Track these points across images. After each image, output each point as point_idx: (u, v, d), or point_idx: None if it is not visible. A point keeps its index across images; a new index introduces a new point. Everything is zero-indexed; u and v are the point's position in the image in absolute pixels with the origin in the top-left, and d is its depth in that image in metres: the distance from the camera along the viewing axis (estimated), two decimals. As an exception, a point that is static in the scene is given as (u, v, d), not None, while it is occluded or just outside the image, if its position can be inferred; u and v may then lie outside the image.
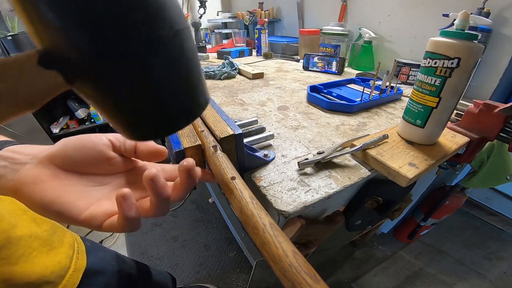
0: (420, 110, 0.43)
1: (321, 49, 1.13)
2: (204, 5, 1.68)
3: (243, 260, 1.13)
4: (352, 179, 0.39)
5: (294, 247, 0.21)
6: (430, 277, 1.04)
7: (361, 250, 1.16)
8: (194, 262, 1.14)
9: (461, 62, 0.37)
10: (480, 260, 1.09)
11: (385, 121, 0.58)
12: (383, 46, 1.01)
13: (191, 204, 1.47)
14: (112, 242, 1.26)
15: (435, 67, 0.39)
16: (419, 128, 0.44)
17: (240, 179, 0.28)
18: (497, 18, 0.67)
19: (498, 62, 0.70)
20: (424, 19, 0.85)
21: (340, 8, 1.11)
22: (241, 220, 0.26)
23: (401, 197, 0.65)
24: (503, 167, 0.63)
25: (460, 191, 0.94)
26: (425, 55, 0.41)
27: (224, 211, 1.06)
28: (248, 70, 0.94)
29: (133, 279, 0.57)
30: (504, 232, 1.21)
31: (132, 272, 0.57)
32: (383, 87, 0.68)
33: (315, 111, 0.64)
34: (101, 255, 0.49)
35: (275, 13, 1.57)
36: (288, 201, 0.34)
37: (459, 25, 0.38)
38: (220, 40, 1.63)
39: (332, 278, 1.05)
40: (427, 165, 0.40)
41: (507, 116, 0.44)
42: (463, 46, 0.36)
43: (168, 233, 1.30)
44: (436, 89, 0.40)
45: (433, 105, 0.42)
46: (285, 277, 0.19)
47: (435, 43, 0.39)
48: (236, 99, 0.72)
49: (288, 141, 0.49)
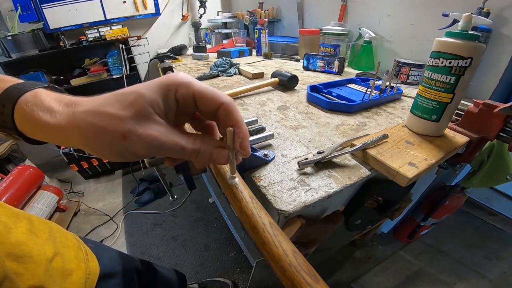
0: (435, 106, 0.46)
1: (321, 49, 1.13)
2: (204, 5, 1.69)
3: (243, 260, 1.13)
4: (352, 179, 0.39)
5: (294, 247, 0.21)
6: (430, 277, 1.04)
7: (361, 250, 1.16)
8: (194, 262, 1.14)
9: (473, 61, 0.40)
10: (480, 260, 1.09)
11: (385, 121, 0.58)
12: (383, 46, 1.01)
13: (191, 204, 1.48)
14: (113, 242, 1.26)
15: (449, 66, 0.42)
16: (433, 122, 0.47)
17: (240, 178, 0.28)
18: (497, 18, 0.67)
19: (498, 62, 0.70)
20: (424, 19, 0.85)
21: (340, 8, 1.11)
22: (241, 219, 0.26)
23: (401, 197, 0.65)
24: (503, 167, 0.63)
25: (460, 191, 0.94)
26: (434, 54, 0.43)
27: (224, 211, 1.06)
28: (248, 70, 0.94)
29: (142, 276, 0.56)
30: (504, 232, 1.21)
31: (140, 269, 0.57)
32: (383, 87, 0.68)
33: (315, 111, 0.64)
34: (108, 256, 0.48)
35: (275, 13, 1.57)
36: (288, 201, 0.34)
37: (464, 26, 0.41)
38: (220, 40, 1.63)
39: (332, 277, 1.05)
40: (427, 164, 0.40)
41: (507, 116, 0.44)
42: (474, 47, 0.40)
43: (168, 233, 1.30)
44: (451, 87, 0.43)
45: (448, 101, 0.44)
46: (285, 277, 0.19)
47: (445, 43, 0.42)
48: (236, 98, 0.72)
49: (288, 141, 0.49)
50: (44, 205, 1.25)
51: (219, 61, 1.03)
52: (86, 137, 0.18)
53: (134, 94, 0.19)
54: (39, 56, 1.39)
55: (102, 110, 0.18)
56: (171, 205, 1.46)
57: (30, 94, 0.20)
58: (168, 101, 0.20)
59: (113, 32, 1.51)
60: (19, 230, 0.32)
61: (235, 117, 0.21)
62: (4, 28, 1.34)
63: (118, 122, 0.18)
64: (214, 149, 0.22)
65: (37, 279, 0.30)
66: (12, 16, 1.31)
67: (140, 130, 0.18)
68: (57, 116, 0.19)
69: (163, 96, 0.20)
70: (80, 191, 1.59)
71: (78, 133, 0.18)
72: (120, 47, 1.56)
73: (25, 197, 1.22)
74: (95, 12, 1.50)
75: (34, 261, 0.31)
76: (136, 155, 0.20)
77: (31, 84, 0.21)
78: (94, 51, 1.65)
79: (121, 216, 1.41)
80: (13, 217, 0.33)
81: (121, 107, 0.18)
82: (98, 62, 1.64)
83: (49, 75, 1.50)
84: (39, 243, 0.34)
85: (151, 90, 0.19)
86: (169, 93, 0.20)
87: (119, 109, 0.18)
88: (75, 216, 1.43)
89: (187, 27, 1.86)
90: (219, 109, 0.21)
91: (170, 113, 0.21)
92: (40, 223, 0.37)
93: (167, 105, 0.20)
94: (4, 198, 1.10)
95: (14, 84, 0.21)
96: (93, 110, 0.18)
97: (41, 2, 1.35)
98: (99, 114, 0.18)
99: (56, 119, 0.18)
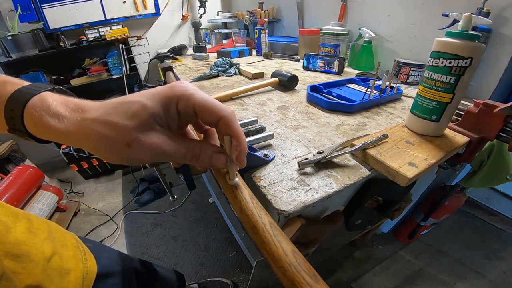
0: (435, 106, 0.46)
1: (321, 49, 1.13)
2: (204, 5, 1.69)
3: (243, 260, 1.13)
4: (352, 179, 0.39)
5: (294, 247, 0.21)
6: (430, 277, 1.04)
7: (361, 250, 1.16)
8: (194, 262, 1.14)
9: (473, 61, 0.40)
10: (480, 260, 1.09)
11: (385, 121, 0.58)
12: (383, 46, 1.01)
13: (191, 204, 1.48)
14: (113, 242, 1.26)
15: (449, 66, 0.42)
16: (433, 122, 0.47)
17: (240, 178, 0.28)
18: (497, 18, 0.67)
19: (498, 62, 0.70)
20: (424, 19, 0.85)
21: (340, 8, 1.11)
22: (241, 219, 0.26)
23: (401, 197, 0.65)
24: (503, 167, 0.63)
25: (460, 191, 0.94)
26: (434, 54, 0.43)
27: (224, 211, 1.06)
28: (248, 70, 0.94)
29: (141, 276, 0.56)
30: (504, 232, 1.21)
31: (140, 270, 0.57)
32: (383, 87, 0.69)
33: (315, 111, 0.64)
34: (106, 255, 0.48)
35: (275, 13, 1.57)
36: (288, 201, 0.34)
37: (464, 26, 0.41)
38: (220, 40, 1.63)
39: (332, 277, 1.05)
40: (427, 164, 0.40)
41: (507, 116, 0.44)
42: (474, 47, 0.40)
43: (168, 233, 1.30)
44: (451, 87, 0.43)
45: (448, 101, 0.44)
46: (285, 277, 0.20)
47: (445, 43, 0.42)
48: (236, 98, 0.72)
49: (288, 141, 0.49)
50: (44, 205, 1.25)
51: (219, 61, 1.03)
52: (95, 145, 0.20)
53: (137, 104, 0.20)
54: (39, 56, 1.39)
55: (108, 119, 0.19)
56: (171, 205, 1.46)
57: (37, 98, 0.20)
58: (170, 112, 0.21)
59: (113, 32, 1.51)
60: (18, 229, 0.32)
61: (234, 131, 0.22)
62: (4, 28, 1.34)
63: (123, 131, 0.19)
64: (213, 154, 0.23)
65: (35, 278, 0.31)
66: (12, 16, 1.31)
67: (143, 139, 0.20)
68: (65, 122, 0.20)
69: (165, 108, 0.21)
70: (80, 191, 1.59)
71: (87, 141, 0.20)
72: (120, 47, 1.56)
73: (25, 197, 1.22)
74: (95, 12, 1.50)
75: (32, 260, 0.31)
76: (141, 161, 0.21)
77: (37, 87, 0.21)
78: (94, 51, 1.65)
79: (121, 216, 1.41)
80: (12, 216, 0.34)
81: (125, 117, 0.20)
82: (98, 62, 1.64)
83: (49, 75, 1.50)
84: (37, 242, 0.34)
85: (154, 101, 0.20)
86: (170, 105, 0.21)
87: (124, 118, 0.19)
88: (75, 216, 1.43)
89: (187, 27, 1.86)
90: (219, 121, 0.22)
91: (172, 122, 0.22)
92: (39, 223, 0.37)
93: (169, 116, 0.21)
94: (4, 198, 1.10)
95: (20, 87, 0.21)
96: (100, 119, 0.19)
97: (41, 2, 1.35)
98: (106, 124, 0.19)
99: (64, 125, 0.19)
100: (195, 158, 0.22)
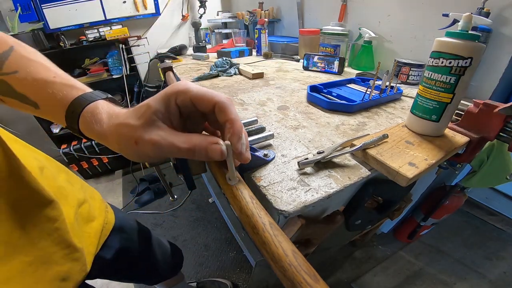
0: (435, 106, 0.46)
1: (321, 49, 1.13)
2: (204, 5, 1.69)
3: (243, 260, 1.13)
4: (352, 179, 0.39)
5: (294, 247, 0.21)
6: (430, 277, 1.04)
7: (361, 250, 1.16)
8: (194, 262, 1.14)
9: (473, 61, 0.40)
10: (480, 260, 1.09)
11: (385, 121, 0.58)
12: (383, 46, 1.01)
13: (191, 204, 1.48)
14: (112, 242, 1.26)
15: (450, 66, 0.42)
16: (433, 122, 0.47)
17: (240, 178, 0.28)
18: (497, 18, 0.67)
19: (498, 62, 0.70)
20: (424, 19, 0.85)
21: (340, 8, 1.11)
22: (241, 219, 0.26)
23: (401, 197, 0.65)
24: (503, 167, 0.63)
25: (460, 191, 0.94)
26: (434, 54, 0.43)
27: (224, 211, 1.06)
28: (248, 70, 0.94)
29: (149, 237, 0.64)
30: (504, 232, 1.21)
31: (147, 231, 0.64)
32: (383, 87, 0.68)
33: (315, 111, 0.64)
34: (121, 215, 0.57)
35: (275, 13, 1.57)
36: (288, 201, 0.34)
37: (464, 26, 0.41)
38: (220, 40, 1.63)
39: (332, 277, 1.05)
40: (427, 164, 0.40)
41: (507, 116, 0.44)
42: (474, 47, 0.40)
43: (168, 233, 1.30)
44: (451, 87, 0.43)
45: (448, 101, 0.44)
46: (285, 277, 0.20)
47: (445, 43, 0.42)
48: (236, 98, 0.72)
49: (288, 141, 0.49)
50: (44, 205, 1.25)
51: (219, 61, 1.03)
52: (118, 144, 0.23)
53: (144, 106, 0.23)
54: (39, 56, 1.39)
55: (126, 122, 0.23)
56: (171, 205, 1.46)
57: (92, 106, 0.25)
58: (170, 107, 0.24)
59: (113, 32, 1.51)
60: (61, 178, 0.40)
61: (229, 116, 0.24)
62: (4, 28, 1.34)
63: (132, 130, 0.22)
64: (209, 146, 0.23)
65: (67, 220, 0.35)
66: (12, 16, 1.31)
67: (145, 136, 0.22)
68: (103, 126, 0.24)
69: (165, 104, 0.23)
70: (80, 191, 1.59)
71: (113, 141, 0.24)
72: (120, 47, 1.56)
73: (25, 197, 1.21)
74: (95, 12, 1.50)
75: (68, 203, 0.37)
76: (149, 157, 0.24)
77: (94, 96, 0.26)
78: (94, 51, 1.65)
79: (121, 216, 1.41)
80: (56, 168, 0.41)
81: (136, 118, 0.23)
82: (98, 62, 1.64)
83: (49, 75, 1.50)
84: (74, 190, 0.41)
85: (156, 101, 0.23)
86: (170, 101, 0.23)
87: (134, 120, 0.23)
88: (75, 216, 1.43)
89: (187, 27, 1.86)
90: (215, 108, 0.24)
91: (174, 117, 0.24)
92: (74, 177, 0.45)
93: (170, 111, 0.24)
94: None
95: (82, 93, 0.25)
96: (122, 122, 0.23)
97: (41, 2, 1.35)
98: (123, 125, 0.23)
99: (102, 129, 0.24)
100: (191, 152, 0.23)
